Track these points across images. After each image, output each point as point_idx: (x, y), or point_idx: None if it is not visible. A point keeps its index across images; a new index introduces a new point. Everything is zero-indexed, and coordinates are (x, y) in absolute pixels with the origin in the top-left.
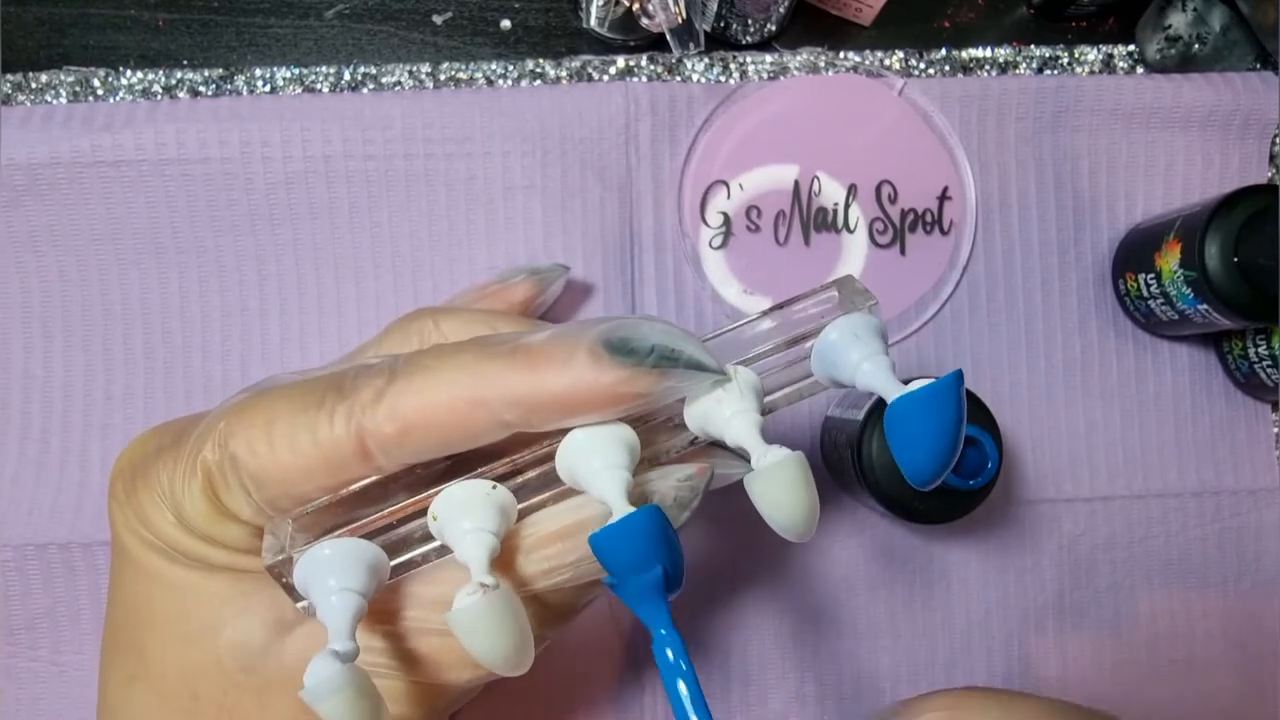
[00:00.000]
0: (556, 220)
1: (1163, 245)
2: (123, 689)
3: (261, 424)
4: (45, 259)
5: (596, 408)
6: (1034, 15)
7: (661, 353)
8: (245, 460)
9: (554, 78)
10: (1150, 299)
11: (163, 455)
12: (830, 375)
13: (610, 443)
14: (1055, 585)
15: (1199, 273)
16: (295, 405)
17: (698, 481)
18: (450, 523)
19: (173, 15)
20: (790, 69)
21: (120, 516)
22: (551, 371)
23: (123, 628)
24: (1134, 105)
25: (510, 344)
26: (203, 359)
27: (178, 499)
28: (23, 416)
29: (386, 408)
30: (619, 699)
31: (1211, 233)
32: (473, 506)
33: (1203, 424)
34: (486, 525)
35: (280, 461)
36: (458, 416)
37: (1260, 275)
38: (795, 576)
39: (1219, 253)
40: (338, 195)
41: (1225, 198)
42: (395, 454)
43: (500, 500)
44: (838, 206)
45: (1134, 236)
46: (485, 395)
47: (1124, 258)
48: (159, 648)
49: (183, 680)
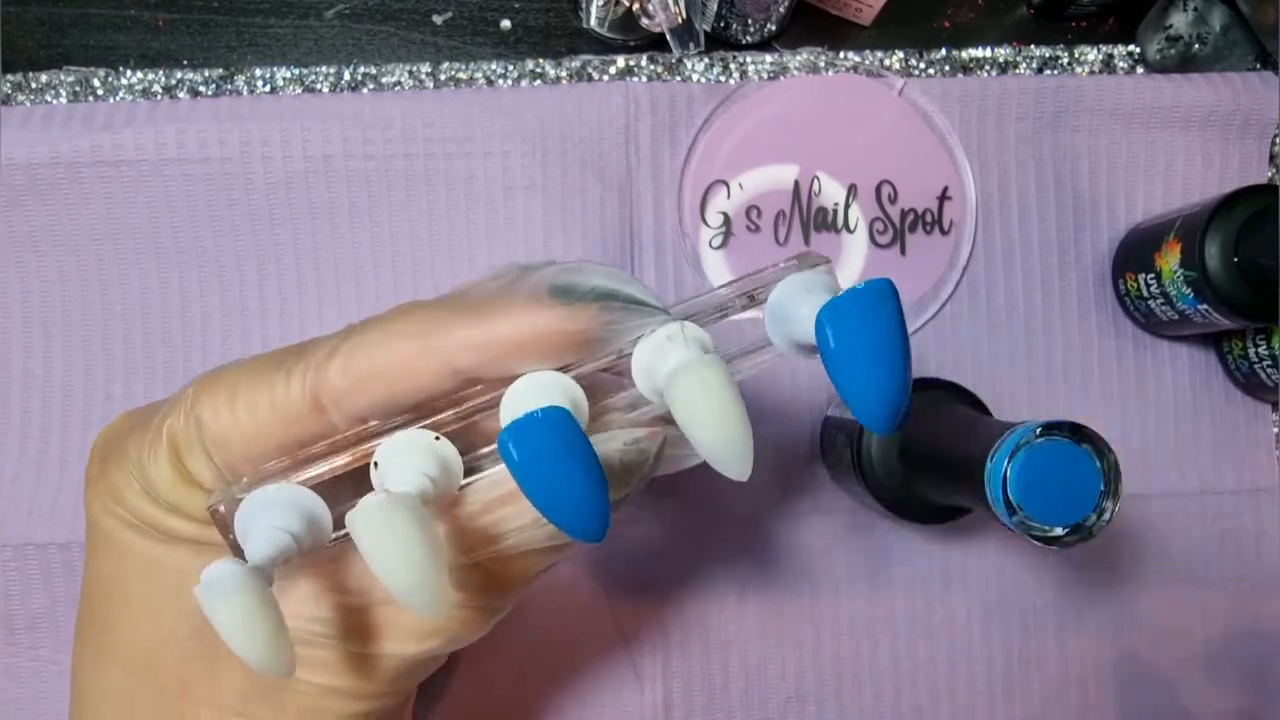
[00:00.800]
0: (556, 220)
1: (1163, 245)
2: (92, 669)
3: (225, 388)
4: (45, 259)
5: (542, 348)
6: (1034, 15)
7: (600, 291)
8: (208, 424)
9: (554, 78)
10: (1150, 299)
11: (134, 430)
12: (784, 335)
13: (552, 390)
14: (1054, 585)
15: (1199, 272)
16: (257, 369)
17: (647, 445)
18: (390, 467)
19: (173, 15)
20: (790, 69)
21: (92, 494)
22: (498, 317)
23: (93, 606)
24: (1134, 105)
25: (459, 297)
26: (202, 358)
27: (145, 467)
28: (22, 416)
29: (339, 361)
30: (616, 690)
31: (1211, 232)
32: (414, 453)
33: (1203, 424)
34: (426, 469)
35: (239, 421)
36: (408, 365)
37: (1260, 275)
38: (795, 577)
39: (1219, 253)
40: (337, 195)
41: (1225, 198)
42: (348, 406)
43: (442, 451)
44: (838, 206)
45: (1134, 236)
46: (434, 343)
47: (1124, 258)
48: (126, 624)
49: (145, 654)
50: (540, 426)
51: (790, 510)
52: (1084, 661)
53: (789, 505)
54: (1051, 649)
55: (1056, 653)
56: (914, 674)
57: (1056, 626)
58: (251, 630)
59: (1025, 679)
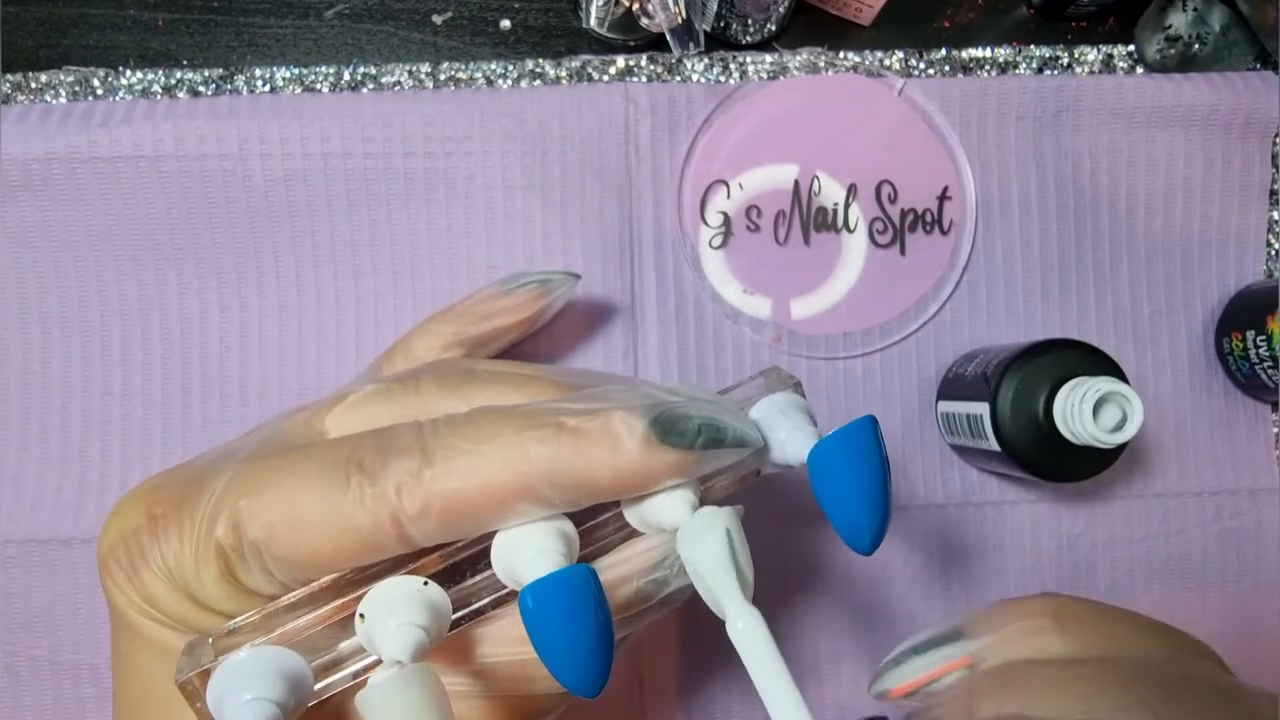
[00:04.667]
0: (556, 220)
1: (1277, 309)
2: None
3: (282, 507)
4: (42, 255)
5: (643, 488)
6: (1034, 15)
7: (709, 435)
8: (268, 545)
9: (554, 78)
10: (1257, 362)
11: (164, 533)
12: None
13: (547, 533)
14: (1055, 585)
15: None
16: (317, 487)
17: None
18: (378, 621)
19: (172, 15)
20: (790, 69)
21: (123, 599)
22: (601, 454)
23: (138, 709)
24: (1134, 105)
25: (552, 419)
26: (201, 356)
27: (189, 581)
28: (22, 413)
29: (423, 495)
30: (614, 688)
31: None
32: (401, 603)
33: (1203, 424)
34: (415, 620)
35: (307, 549)
36: (501, 500)
37: None
38: (794, 577)
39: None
40: (337, 193)
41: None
42: (435, 536)
43: (431, 597)
44: (837, 206)
45: (1245, 297)
46: (530, 480)
47: (1232, 316)
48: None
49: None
50: (563, 589)
51: (789, 510)
52: None
53: (787, 505)
54: None
55: None
56: None
57: None
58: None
59: None
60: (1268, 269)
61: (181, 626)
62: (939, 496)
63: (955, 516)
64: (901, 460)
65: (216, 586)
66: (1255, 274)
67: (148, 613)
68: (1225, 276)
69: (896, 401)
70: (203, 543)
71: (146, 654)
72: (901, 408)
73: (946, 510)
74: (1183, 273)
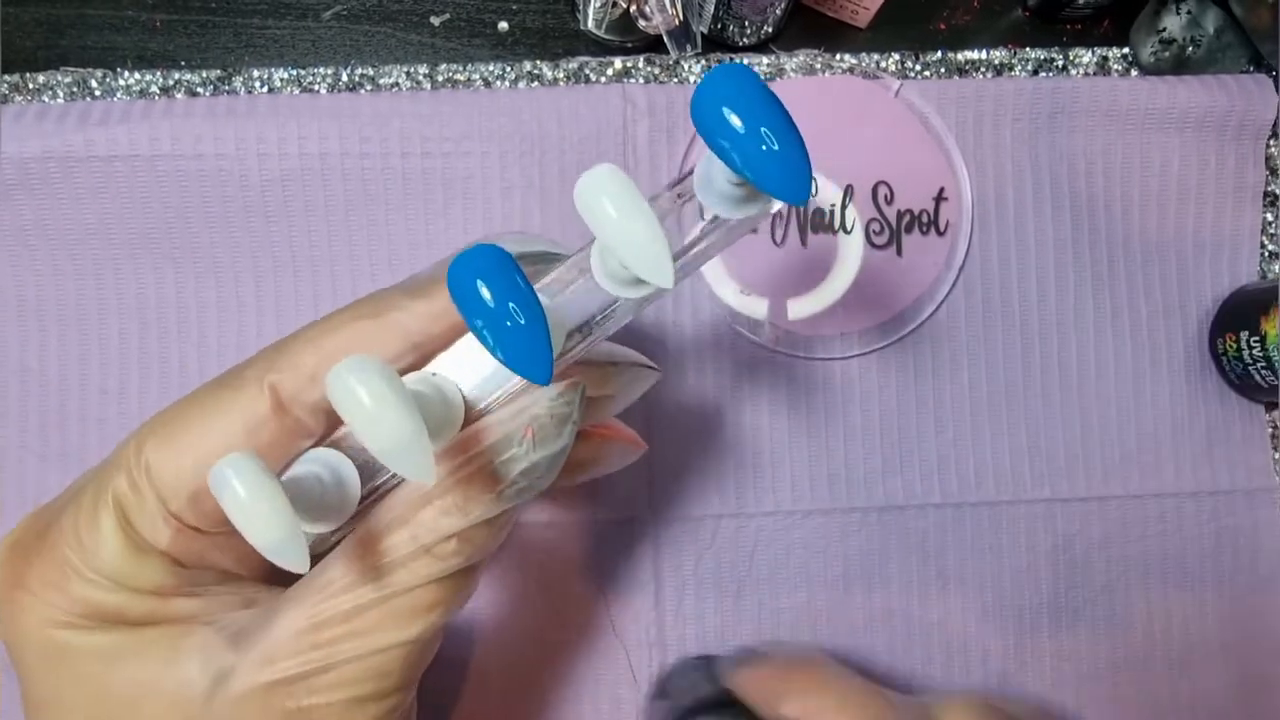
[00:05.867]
0: (554, 220)
1: (1270, 309)
2: None
3: (173, 422)
4: (38, 253)
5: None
6: (1029, 18)
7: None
8: (161, 467)
9: (551, 79)
10: (1251, 363)
11: (63, 513)
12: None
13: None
14: (1050, 585)
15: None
16: (201, 394)
17: (570, 394)
18: None
19: (170, 16)
20: (787, 71)
21: (11, 609)
22: (444, 289)
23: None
24: (1129, 107)
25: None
26: (198, 354)
27: (87, 545)
28: (19, 410)
29: (297, 349)
30: (611, 686)
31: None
32: None
33: (1197, 425)
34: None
35: (196, 449)
36: (368, 343)
37: None
38: (791, 576)
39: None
40: (334, 193)
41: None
42: (312, 396)
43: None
44: (834, 207)
45: (1239, 297)
46: (392, 318)
47: (1226, 318)
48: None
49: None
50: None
51: (787, 510)
52: (1079, 661)
53: (784, 505)
54: (1046, 649)
55: (1051, 653)
56: (909, 675)
57: (1051, 627)
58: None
59: (1020, 679)
60: (1261, 270)
61: (81, 617)
62: (935, 496)
63: (952, 516)
64: (900, 460)
65: (112, 540)
66: (1249, 275)
67: (39, 612)
68: (1219, 278)
69: (893, 402)
70: (99, 494)
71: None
72: (898, 408)
73: (943, 510)
74: (1177, 274)
